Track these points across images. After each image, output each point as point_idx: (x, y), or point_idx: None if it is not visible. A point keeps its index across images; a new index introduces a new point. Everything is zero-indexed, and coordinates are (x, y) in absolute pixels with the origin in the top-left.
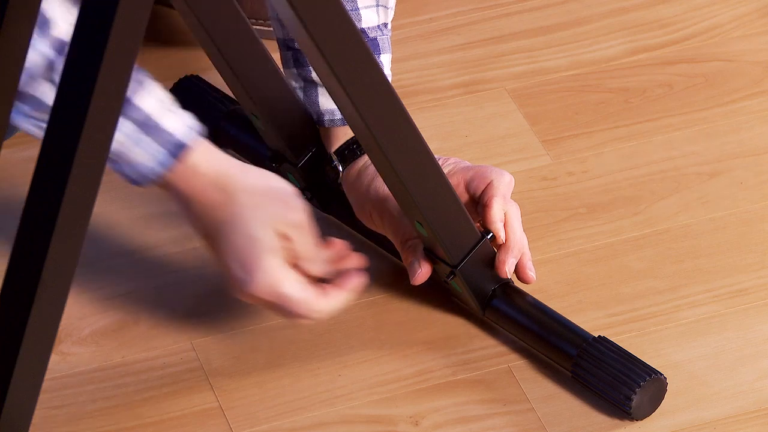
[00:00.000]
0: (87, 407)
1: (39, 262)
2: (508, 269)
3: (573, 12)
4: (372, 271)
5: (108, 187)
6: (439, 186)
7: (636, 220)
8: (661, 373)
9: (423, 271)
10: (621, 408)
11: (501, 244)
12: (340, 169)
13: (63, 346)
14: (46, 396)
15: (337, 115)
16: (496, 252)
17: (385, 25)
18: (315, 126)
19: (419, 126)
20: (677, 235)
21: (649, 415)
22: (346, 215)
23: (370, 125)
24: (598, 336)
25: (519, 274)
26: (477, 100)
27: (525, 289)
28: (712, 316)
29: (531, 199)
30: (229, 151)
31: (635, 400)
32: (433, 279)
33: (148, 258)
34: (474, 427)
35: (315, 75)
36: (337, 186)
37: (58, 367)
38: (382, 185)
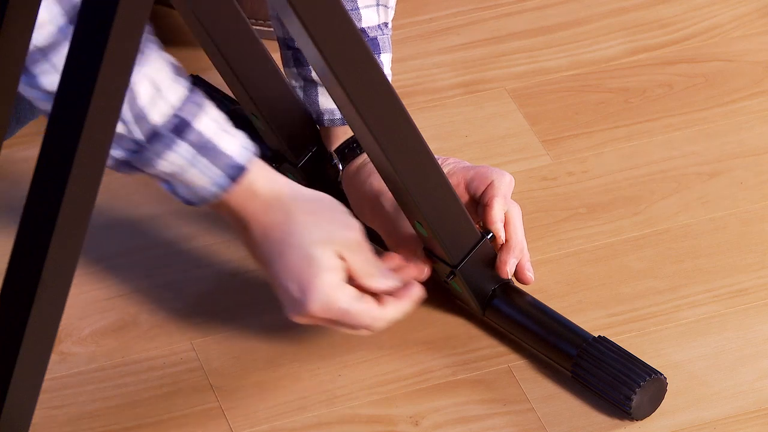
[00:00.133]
0: (87, 407)
1: (39, 262)
2: (510, 269)
3: (573, 12)
4: None
5: (108, 187)
6: (439, 186)
7: (636, 220)
8: (661, 373)
9: (423, 272)
10: (621, 408)
11: (502, 245)
12: (340, 167)
13: (63, 346)
14: (46, 396)
15: (337, 114)
16: (496, 252)
17: (386, 24)
18: (315, 126)
19: (419, 126)
20: (677, 235)
21: (649, 415)
22: None
23: (370, 125)
24: (598, 336)
25: (518, 275)
26: (477, 100)
27: (525, 289)
28: (712, 316)
29: (531, 199)
30: None
31: (635, 400)
32: (433, 279)
33: (148, 258)
34: (474, 427)
35: (315, 74)
36: (338, 185)
37: (58, 367)
38: (377, 181)
